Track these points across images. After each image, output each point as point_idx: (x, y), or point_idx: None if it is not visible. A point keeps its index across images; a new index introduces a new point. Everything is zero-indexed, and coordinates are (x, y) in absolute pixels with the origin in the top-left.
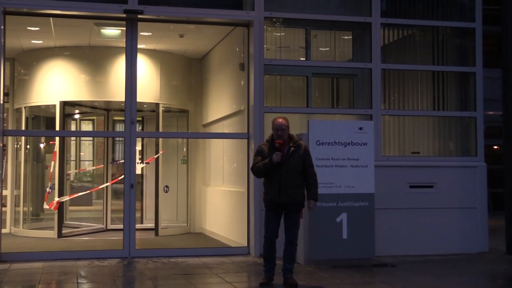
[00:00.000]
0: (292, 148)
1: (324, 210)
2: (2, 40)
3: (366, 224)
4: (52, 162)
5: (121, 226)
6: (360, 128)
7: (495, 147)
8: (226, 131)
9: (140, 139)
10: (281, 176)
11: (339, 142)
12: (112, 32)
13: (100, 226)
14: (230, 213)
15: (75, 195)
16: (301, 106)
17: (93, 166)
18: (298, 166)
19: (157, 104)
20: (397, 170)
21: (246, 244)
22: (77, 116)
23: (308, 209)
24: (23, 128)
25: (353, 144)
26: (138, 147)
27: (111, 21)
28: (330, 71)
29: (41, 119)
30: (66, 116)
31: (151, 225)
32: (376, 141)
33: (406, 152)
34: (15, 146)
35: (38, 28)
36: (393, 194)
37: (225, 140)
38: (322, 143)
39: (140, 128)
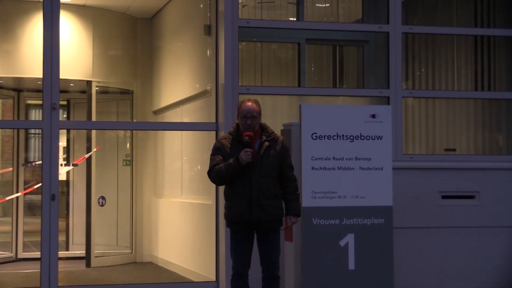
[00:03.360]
0: (266, 143)
1: (323, 230)
2: None
3: (381, 249)
4: None
5: (37, 254)
6: (373, 116)
7: None
8: (186, 120)
9: (64, 131)
10: (251, 183)
11: (343, 136)
12: None
13: (8, 254)
14: (192, 234)
15: None
16: (290, 85)
17: None
18: (274, 168)
19: (88, 83)
20: (424, 174)
21: (214, 278)
22: None
23: (285, 226)
24: None
25: (363, 137)
26: (62, 143)
27: None
28: (331, 36)
29: None
30: None
31: (81, 252)
32: (395, 134)
33: (437, 149)
34: None
35: None
36: (418, 208)
37: (184, 133)
38: (320, 137)
39: (65, 116)
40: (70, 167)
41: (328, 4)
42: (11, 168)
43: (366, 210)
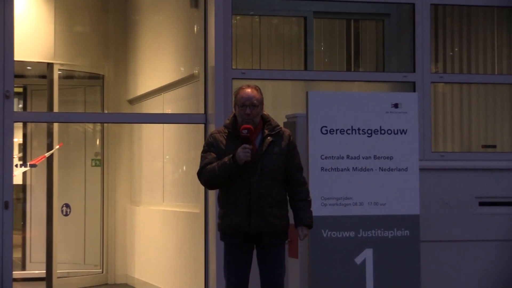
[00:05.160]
0: (269, 139)
1: (335, 244)
2: None
3: (406, 267)
4: None
5: None
6: (396, 105)
7: None
8: (168, 111)
9: (20, 124)
10: (251, 187)
11: (359, 129)
12: None
13: None
14: (176, 250)
15: None
16: (295, 68)
17: None
18: (279, 169)
19: (49, 66)
20: (457, 176)
21: None
22: None
23: (290, 240)
24: None
25: (383, 132)
26: (18, 139)
27: None
28: (345, 8)
29: None
30: None
31: (40, 272)
32: (422, 127)
33: (474, 146)
34: None
35: None
36: (451, 217)
37: (166, 126)
38: (331, 131)
39: (21, 106)
40: (27, 168)
41: None
42: None
43: (387, 220)
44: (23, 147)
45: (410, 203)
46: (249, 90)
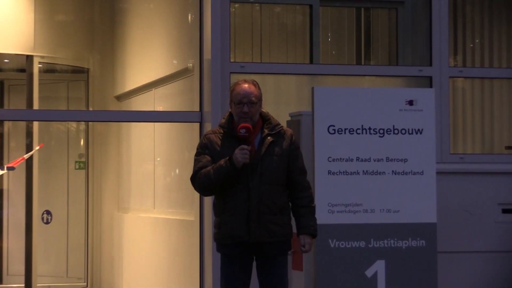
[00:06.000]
0: (269, 139)
1: (343, 255)
2: None
3: (421, 280)
4: None
5: None
6: (410, 102)
7: None
8: (160, 108)
9: None
10: (250, 192)
11: (370, 129)
12: None
13: None
14: (168, 261)
15: None
16: (299, 61)
17: None
18: (281, 173)
19: (29, 58)
20: (479, 180)
21: None
22: None
23: (293, 250)
24: None
25: (396, 131)
26: None
27: None
28: None
29: None
30: None
31: (19, 285)
32: (440, 126)
33: (496, 148)
34: None
35: None
36: (471, 225)
37: (158, 125)
38: (339, 131)
39: None
40: (4, 171)
41: None
42: None
43: (401, 228)
44: (0, 148)
45: (427, 210)
46: (246, 85)
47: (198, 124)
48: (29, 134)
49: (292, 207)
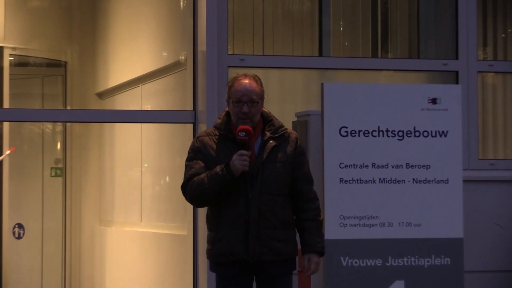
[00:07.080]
0: (272, 143)
1: (357, 274)
2: None
3: None
4: None
5: None
6: (434, 101)
7: None
8: (148, 107)
9: None
10: (249, 203)
11: (388, 131)
12: None
13: None
14: (157, 280)
15: None
16: (307, 54)
17: None
18: (284, 181)
19: None
20: (511, 189)
21: None
22: None
23: (304, 271)
24: None
25: (418, 134)
26: None
27: None
28: None
29: None
30: None
31: None
32: (467, 128)
33: None
34: None
35: None
36: (502, 241)
37: (146, 126)
38: (353, 133)
39: None
40: None
41: None
42: None
43: (423, 245)
44: None
45: (452, 224)
46: (246, 81)
47: (192, 125)
48: None
49: (296, 221)
